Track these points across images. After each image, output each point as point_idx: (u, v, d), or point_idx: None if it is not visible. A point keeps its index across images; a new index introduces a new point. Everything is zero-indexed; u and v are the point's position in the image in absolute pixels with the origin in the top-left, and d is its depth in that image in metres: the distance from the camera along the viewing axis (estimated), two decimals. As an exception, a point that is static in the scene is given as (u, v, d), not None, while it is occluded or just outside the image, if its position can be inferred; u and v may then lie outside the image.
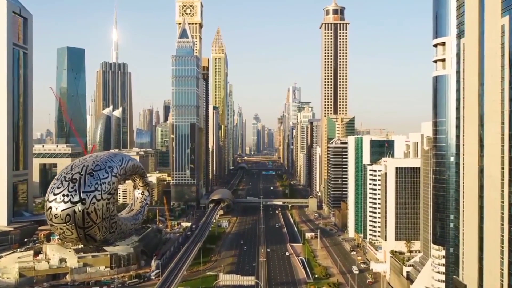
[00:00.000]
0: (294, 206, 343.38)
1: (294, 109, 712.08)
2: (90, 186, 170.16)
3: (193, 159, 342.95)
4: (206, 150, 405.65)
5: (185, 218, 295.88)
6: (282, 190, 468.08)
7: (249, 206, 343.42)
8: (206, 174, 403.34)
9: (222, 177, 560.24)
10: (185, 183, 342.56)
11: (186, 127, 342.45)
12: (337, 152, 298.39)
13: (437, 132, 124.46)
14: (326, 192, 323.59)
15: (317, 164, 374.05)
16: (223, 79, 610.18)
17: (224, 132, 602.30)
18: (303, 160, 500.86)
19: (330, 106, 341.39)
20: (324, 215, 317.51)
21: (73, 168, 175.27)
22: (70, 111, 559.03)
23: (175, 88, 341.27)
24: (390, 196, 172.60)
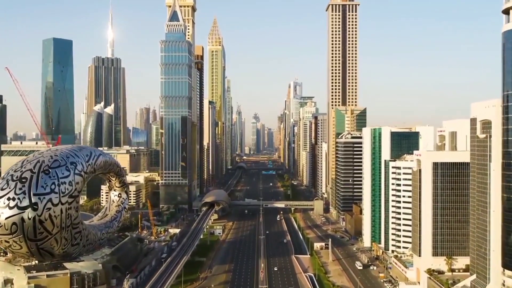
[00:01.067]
0: (298, 209, 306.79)
1: (295, 106, 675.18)
2: (44, 187, 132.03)
3: (185, 157, 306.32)
4: (200, 147, 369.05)
5: (174, 223, 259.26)
6: (283, 191, 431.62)
7: (247, 209, 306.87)
8: (200, 174, 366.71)
9: (219, 177, 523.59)
10: (175, 184, 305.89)
11: (177, 121, 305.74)
12: (348, 148, 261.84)
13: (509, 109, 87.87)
14: (334, 194, 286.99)
15: (323, 163, 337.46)
16: (221, 73, 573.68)
17: (221, 130, 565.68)
18: (306, 158, 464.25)
19: (338, 97, 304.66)
20: (332, 219, 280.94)
21: (24, 164, 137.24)
22: (56, 107, 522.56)
23: (164, 77, 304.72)
24: (426, 199, 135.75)
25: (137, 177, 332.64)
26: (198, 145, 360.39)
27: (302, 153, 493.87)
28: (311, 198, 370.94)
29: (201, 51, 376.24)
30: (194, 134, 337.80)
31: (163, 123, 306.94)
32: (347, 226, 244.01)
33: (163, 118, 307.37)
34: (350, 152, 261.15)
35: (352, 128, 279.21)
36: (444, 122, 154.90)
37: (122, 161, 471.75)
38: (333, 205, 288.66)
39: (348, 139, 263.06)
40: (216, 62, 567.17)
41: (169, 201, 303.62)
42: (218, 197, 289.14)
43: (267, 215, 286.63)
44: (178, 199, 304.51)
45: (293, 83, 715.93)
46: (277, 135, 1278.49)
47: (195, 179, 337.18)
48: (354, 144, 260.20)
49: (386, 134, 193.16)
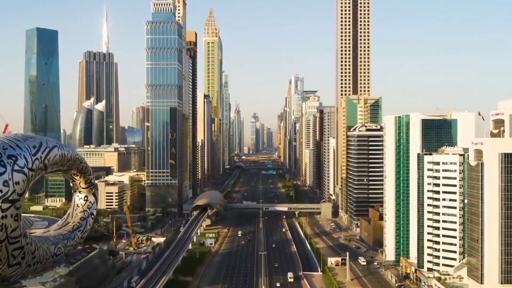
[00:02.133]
0: (302, 212, 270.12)
1: (297, 102, 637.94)
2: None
3: (174, 154, 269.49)
4: (193, 143, 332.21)
5: (159, 230, 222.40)
6: (285, 192, 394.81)
7: (245, 213, 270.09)
8: (193, 173, 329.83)
9: (215, 178, 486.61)
10: (163, 184, 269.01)
11: (165, 113, 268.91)
12: (362, 142, 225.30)
13: None
14: (344, 195, 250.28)
15: (330, 160, 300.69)
16: (217, 67, 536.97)
17: (218, 126, 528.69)
18: (309, 156, 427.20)
19: (348, 86, 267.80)
20: (342, 225, 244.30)
21: None
22: (40, 102, 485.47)
23: (150, 63, 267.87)
24: (491, 203, 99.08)
25: (122, 176, 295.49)
26: (191, 141, 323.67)
27: (305, 151, 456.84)
28: (317, 200, 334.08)
29: (193, 37, 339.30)
30: (186, 128, 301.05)
31: (150, 115, 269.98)
32: (362, 233, 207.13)
33: (149, 110, 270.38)
34: (365, 147, 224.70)
35: (366, 119, 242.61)
36: (500, 103, 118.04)
37: (110, 159, 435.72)
38: (344, 209, 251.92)
39: (362, 132, 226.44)
40: (212, 54, 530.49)
41: (156, 204, 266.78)
42: (212, 199, 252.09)
43: (268, 220, 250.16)
44: (167, 201, 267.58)
45: (294, 78, 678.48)
46: (277, 134, 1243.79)
47: (186, 179, 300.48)
48: (369, 137, 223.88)
49: (416, 123, 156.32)
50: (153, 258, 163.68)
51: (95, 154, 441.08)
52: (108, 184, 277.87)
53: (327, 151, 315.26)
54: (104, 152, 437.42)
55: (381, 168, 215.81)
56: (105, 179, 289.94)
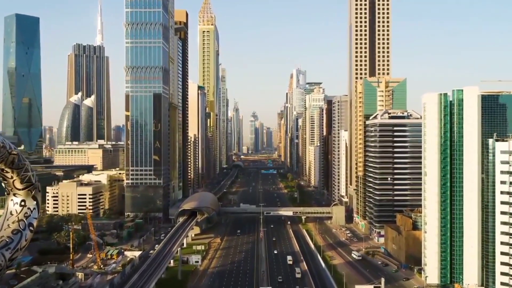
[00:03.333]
0: (310, 217, 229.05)
1: (299, 96, 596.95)
2: None
3: (159, 148, 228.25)
4: (184, 138, 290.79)
5: (137, 241, 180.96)
6: (288, 193, 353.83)
7: (243, 218, 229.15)
8: (183, 172, 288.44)
9: (211, 177, 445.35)
10: (146, 184, 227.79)
11: (147, 100, 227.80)
12: (385, 132, 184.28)
13: None
14: (361, 197, 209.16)
15: (341, 156, 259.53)
16: (213, 58, 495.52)
17: (214, 122, 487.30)
18: (314, 154, 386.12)
19: (364, 68, 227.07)
20: (359, 232, 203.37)
21: None
22: (20, 95, 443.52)
23: (130, 41, 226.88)
24: None
25: (98, 176, 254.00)
26: (181, 134, 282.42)
27: (309, 148, 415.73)
28: (325, 202, 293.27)
29: (184, 17, 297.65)
30: (174, 120, 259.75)
31: (129, 102, 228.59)
32: (388, 246, 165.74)
33: (129, 96, 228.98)
34: (389, 139, 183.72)
35: (388, 106, 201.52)
36: None
37: (94, 157, 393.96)
38: (361, 213, 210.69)
39: (384, 119, 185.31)
40: (208, 43, 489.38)
41: (137, 208, 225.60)
42: (202, 202, 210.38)
43: (270, 227, 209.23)
44: (150, 205, 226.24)
45: (296, 71, 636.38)
46: (277, 134, 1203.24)
47: (175, 179, 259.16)
48: (394, 126, 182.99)
49: (472, 100, 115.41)
50: (121, 281, 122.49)
51: (77, 152, 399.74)
52: (82, 184, 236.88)
53: (337, 147, 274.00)
54: (87, 149, 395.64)
55: (410, 163, 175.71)
56: (78, 179, 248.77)
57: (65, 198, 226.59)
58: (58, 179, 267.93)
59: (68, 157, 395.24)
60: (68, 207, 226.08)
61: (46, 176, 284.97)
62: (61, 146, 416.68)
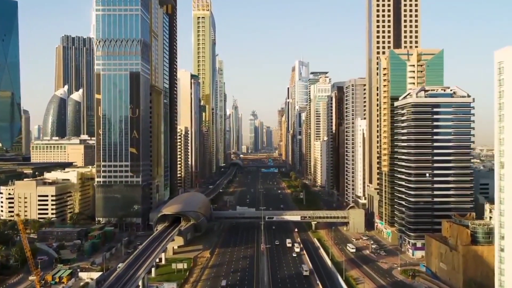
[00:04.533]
0: (321, 223, 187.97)
1: (302, 89, 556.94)
2: None
3: (136, 139, 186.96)
4: (171, 129, 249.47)
5: (103, 256, 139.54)
6: (291, 193, 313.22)
7: (240, 224, 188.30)
8: (171, 169, 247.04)
9: (206, 177, 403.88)
10: (120, 183, 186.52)
11: (122, 80, 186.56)
12: (422, 115, 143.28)
13: None
14: (387, 199, 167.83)
15: (358, 150, 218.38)
16: (209, 47, 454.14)
17: (209, 116, 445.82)
18: (321, 149, 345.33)
19: (387, 40, 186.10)
20: (384, 243, 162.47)
21: None
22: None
23: (101, 8, 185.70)
24: None
25: (67, 174, 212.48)
26: (168, 125, 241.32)
27: (315, 144, 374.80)
28: (335, 204, 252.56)
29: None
30: (158, 107, 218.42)
31: (100, 83, 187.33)
32: (432, 264, 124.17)
33: (100, 76, 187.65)
34: (427, 123, 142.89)
35: (420, 84, 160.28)
36: None
37: (74, 154, 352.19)
38: (386, 218, 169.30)
39: (421, 98, 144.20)
40: (203, 31, 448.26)
41: (111, 212, 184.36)
42: (189, 205, 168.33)
43: (273, 235, 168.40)
44: (126, 208, 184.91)
45: (298, 63, 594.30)
46: (277, 133, 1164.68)
47: (159, 177, 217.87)
48: (434, 107, 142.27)
49: None
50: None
51: (56, 148, 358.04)
52: (45, 183, 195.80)
53: (351, 139, 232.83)
54: (66, 145, 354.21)
55: (455, 154, 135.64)
56: (41, 177, 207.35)
57: (22, 200, 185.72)
58: (27, 177, 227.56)
59: (45, 153, 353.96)
60: (26, 210, 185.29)
61: (10, 174, 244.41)
62: (38, 141, 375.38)
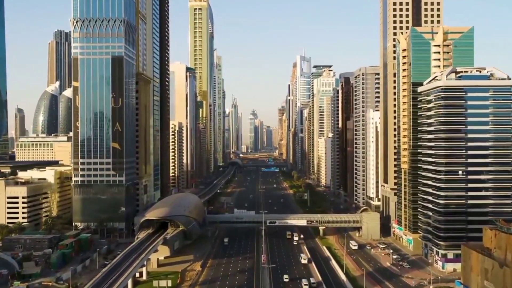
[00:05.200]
0: (329, 228, 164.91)
1: (303, 86, 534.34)
2: None
3: (119, 132, 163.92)
4: (163, 124, 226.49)
5: (74, 268, 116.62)
6: (293, 194, 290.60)
7: (238, 230, 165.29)
8: (162, 168, 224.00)
9: (203, 176, 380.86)
10: (102, 183, 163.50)
11: (103, 65, 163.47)
12: (454, 101, 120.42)
13: None
14: (408, 201, 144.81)
15: (370, 145, 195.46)
16: (206, 40, 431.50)
17: (206, 112, 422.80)
18: (325, 147, 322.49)
19: (405, 20, 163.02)
20: (405, 252, 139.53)
21: None
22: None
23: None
24: None
25: (45, 172, 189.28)
26: (159, 120, 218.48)
27: (319, 141, 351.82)
28: (343, 206, 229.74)
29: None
30: (146, 98, 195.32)
31: (78, 69, 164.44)
32: (472, 281, 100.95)
33: (77, 61, 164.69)
34: (459, 110, 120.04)
35: (447, 67, 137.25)
36: None
37: (61, 152, 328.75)
38: (407, 223, 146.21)
39: (451, 81, 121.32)
40: (200, 23, 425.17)
41: (89, 216, 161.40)
42: (178, 208, 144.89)
43: (274, 244, 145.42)
44: (108, 211, 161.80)
45: (300, 58, 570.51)
46: (277, 132, 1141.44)
47: (148, 176, 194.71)
48: (468, 92, 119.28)
49: None
50: None
51: (43, 146, 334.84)
52: (17, 183, 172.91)
53: (361, 133, 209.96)
54: (52, 143, 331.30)
55: (494, 148, 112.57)
56: (12, 177, 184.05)
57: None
58: (5, 177, 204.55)
59: (31, 152, 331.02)
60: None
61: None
62: (23, 139, 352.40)
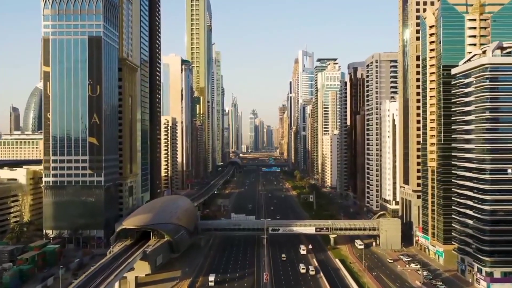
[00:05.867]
0: (341, 236, 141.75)
1: (306, 81, 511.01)
2: None
3: (98, 125, 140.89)
4: (152, 119, 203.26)
5: None
6: (299, 196, 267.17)
7: (235, 238, 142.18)
8: (152, 167, 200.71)
9: (200, 176, 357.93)
10: (77, 184, 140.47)
11: (79, 47, 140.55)
12: (502, 82, 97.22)
13: None
14: (437, 206, 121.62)
15: (385, 141, 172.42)
16: (204, 34, 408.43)
17: (204, 109, 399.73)
18: (331, 144, 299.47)
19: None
20: (434, 266, 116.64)
21: None
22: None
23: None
24: None
25: (16, 171, 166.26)
26: (148, 114, 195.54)
27: (323, 139, 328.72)
28: (353, 210, 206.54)
29: None
30: (132, 87, 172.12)
31: (50, 52, 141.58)
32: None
33: (49, 42, 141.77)
34: (508, 94, 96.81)
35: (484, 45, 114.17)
36: None
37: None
38: (435, 232, 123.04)
39: (498, 58, 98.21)
40: (197, 15, 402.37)
41: (62, 223, 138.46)
42: (162, 215, 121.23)
43: (276, 255, 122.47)
44: (84, 217, 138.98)
45: (302, 53, 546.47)
46: (278, 131, 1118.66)
47: (133, 176, 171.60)
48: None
49: None
50: None
51: (28, 144, 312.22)
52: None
53: (374, 128, 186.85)
54: (27, 141, 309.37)
55: None
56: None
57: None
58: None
59: (14, 150, 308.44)
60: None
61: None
62: (6, 136, 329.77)
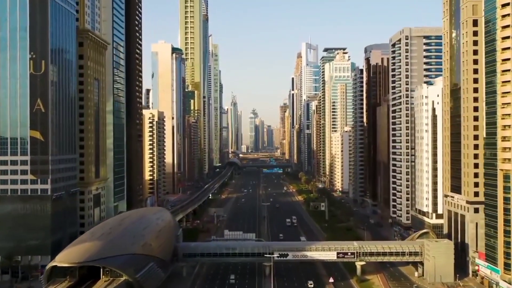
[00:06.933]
0: (367, 261, 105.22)
1: (310, 76, 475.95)
2: None
3: (43, 115, 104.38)
4: (130, 109, 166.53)
5: None
6: (306, 203, 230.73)
7: (229, 267, 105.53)
8: (129, 170, 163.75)
9: (195, 179, 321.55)
10: (13, 193, 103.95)
11: (17, 7, 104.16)
12: None
13: None
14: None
15: (424, 137, 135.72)
16: (199, 24, 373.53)
17: (199, 104, 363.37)
18: (341, 142, 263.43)
19: None
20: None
21: None
22: None
23: None
24: None
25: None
26: (124, 102, 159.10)
27: (332, 137, 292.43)
28: (374, 221, 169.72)
29: None
30: (98, 68, 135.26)
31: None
32: None
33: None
34: None
35: None
36: None
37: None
38: (509, 262, 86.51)
39: None
40: (191, 4, 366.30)
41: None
42: (115, 242, 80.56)
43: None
44: (24, 239, 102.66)
45: (306, 46, 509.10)
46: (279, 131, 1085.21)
47: (101, 182, 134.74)
48: None
49: None
50: None
51: None
52: None
53: (403, 120, 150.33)
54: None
55: None
56: None
57: None
58: None
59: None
60: None
61: None
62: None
